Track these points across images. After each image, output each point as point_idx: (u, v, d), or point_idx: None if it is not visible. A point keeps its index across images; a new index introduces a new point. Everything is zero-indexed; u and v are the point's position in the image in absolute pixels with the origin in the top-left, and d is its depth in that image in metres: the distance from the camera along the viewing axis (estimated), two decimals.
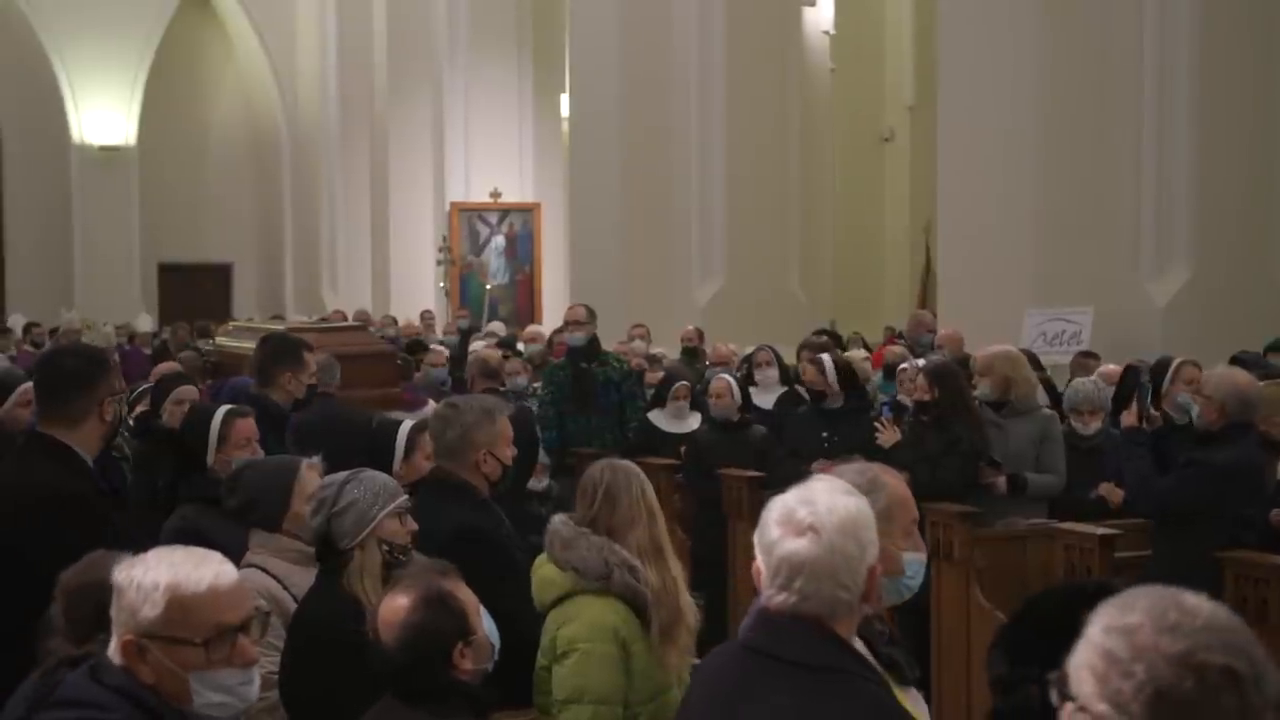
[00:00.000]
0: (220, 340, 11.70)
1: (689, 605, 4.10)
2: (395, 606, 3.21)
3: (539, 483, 9.01)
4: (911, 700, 2.96)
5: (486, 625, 3.32)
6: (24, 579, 3.95)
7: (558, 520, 4.25)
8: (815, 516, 2.70)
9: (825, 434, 8.22)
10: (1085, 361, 9.80)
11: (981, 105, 11.78)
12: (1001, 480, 7.24)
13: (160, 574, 2.75)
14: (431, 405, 8.53)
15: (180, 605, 2.73)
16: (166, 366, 9.82)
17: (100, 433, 4.36)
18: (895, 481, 3.19)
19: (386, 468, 4.66)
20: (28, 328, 19.47)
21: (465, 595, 3.26)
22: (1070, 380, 8.76)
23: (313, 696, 3.83)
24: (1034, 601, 2.40)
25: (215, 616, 2.76)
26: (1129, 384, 7.11)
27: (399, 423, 5.35)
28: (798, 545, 2.68)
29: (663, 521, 4.20)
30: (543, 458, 9.18)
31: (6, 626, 3.92)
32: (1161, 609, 1.85)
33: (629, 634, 4.00)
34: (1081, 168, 11.17)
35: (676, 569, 4.13)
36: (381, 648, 3.20)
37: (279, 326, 11.65)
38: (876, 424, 7.93)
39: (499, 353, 10.92)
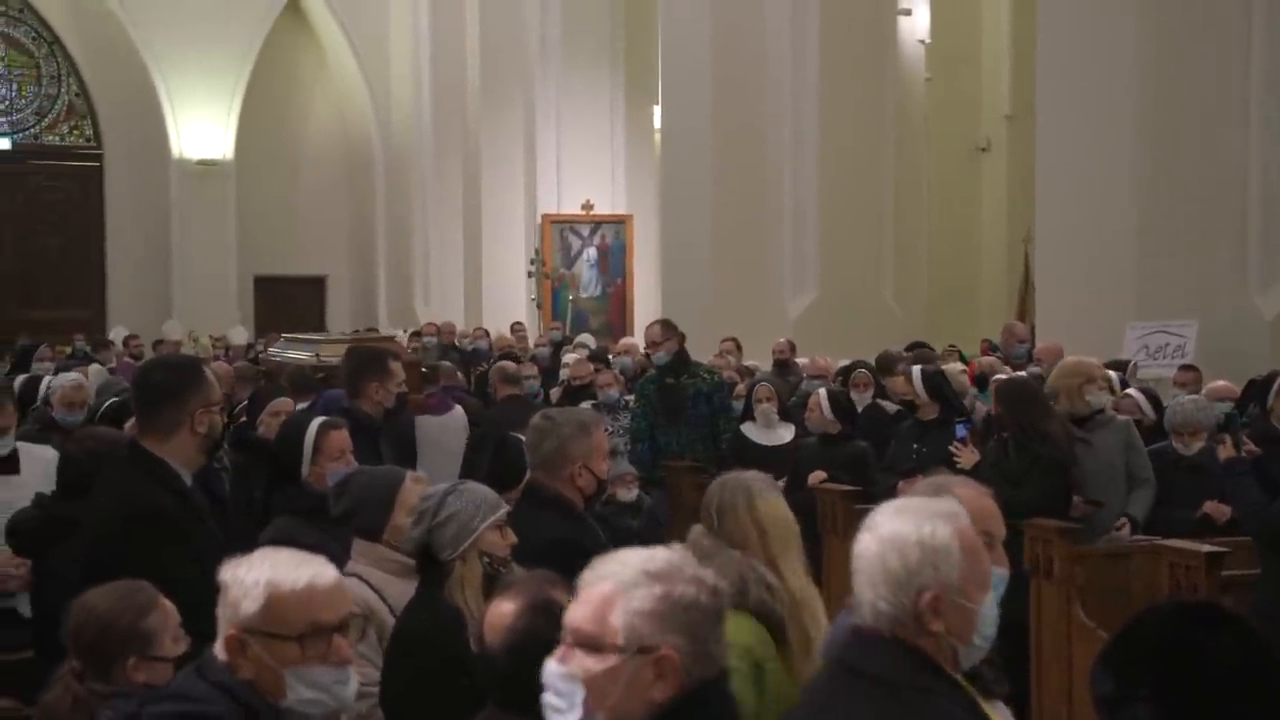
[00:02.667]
0: (271, 350, 12.10)
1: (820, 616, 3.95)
2: (501, 612, 3.19)
3: (629, 494, 8.97)
4: (999, 714, 2.95)
5: None
6: None
7: (698, 532, 4.21)
8: (873, 526, 2.74)
9: (916, 446, 8.14)
10: (1185, 376, 9.61)
11: (1081, 113, 11.56)
12: (1126, 529, 7.22)
13: (261, 572, 2.85)
14: (459, 410, 8.59)
15: (278, 601, 2.83)
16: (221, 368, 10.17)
17: (194, 444, 4.28)
18: (966, 493, 3.13)
19: (501, 482, 4.61)
20: (127, 340, 19.73)
21: None
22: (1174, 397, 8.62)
23: (414, 709, 3.81)
24: (1140, 619, 2.34)
25: (311, 614, 2.85)
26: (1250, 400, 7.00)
27: (520, 440, 5.30)
28: (858, 547, 2.74)
29: (780, 535, 4.06)
30: (631, 469, 9.17)
31: None
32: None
33: (762, 653, 3.87)
34: (1185, 175, 10.93)
35: (799, 582, 3.98)
36: (485, 653, 3.18)
37: (316, 338, 12.05)
38: (952, 448, 7.82)
39: (514, 364, 11.23)
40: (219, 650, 2.87)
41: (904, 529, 2.70)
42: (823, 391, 9.12)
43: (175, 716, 2.82)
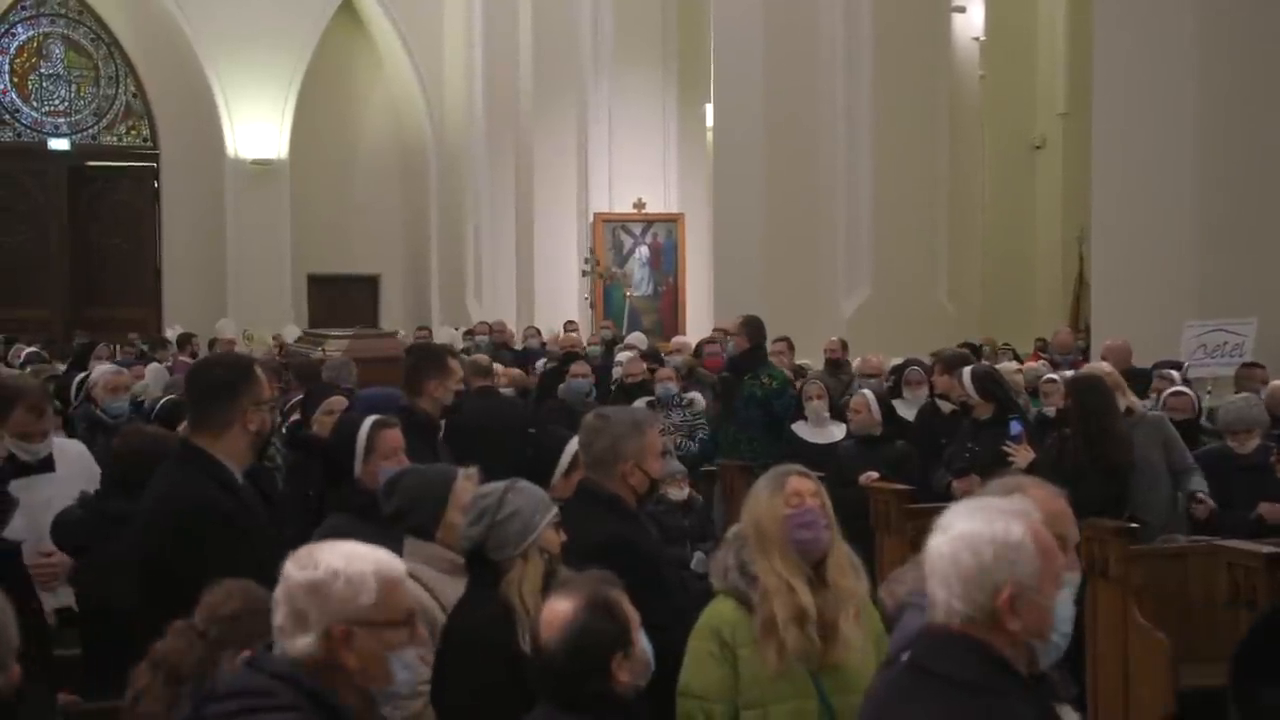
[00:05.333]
0: (295, 346, 12.57)
1: (804, 609, 3.86)
2: (559, 609, 3.20)
3: (680, 493, 8.96)
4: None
5: (643, 642, 3.29)
6: (158, 586, 4.00)
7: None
8: (945, 526, 2.73)
9: (970, 445, 8.10)
10: (1252, 373, 9.51)
11: (1138, 110, 11.45)
12: (1203, 507, 7.24)
13: (362, 564, 2.88)
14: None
15: (390, 589, 2.89)
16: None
17: (246, 442, 4.32)
18: (1040, 494, 3.10)
19: (541, 480, 4.61)
20: (185, 339, 19.77)
21: (629, 607, 3.24)
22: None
23: (467, 707, 3.80)
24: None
25: (409, 598, 2.98)
26: None
27: (565, 437, 5.30)
28: (929, 547, 2.73)
29: (756, 530, 4.02)
30: (682, 468, 9.17)
31: (145, 633, 3.95)
32: None
33: (733, 635, 3.91)
34: (1242, 171, 10.80)
35: (768, 574, 3.89)
36: (541, 651, 3.18)
37: (328, 333, 12.54)
38: (1005, 448, 7.76)
39: (486, 357, 11.44)
40: (312, 648, 2.82)
41: (978, 527, 2.70)
42: (868, 393, 9.10)
43: (243, 713, 2.79)
